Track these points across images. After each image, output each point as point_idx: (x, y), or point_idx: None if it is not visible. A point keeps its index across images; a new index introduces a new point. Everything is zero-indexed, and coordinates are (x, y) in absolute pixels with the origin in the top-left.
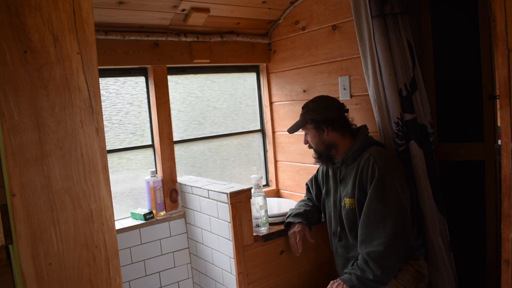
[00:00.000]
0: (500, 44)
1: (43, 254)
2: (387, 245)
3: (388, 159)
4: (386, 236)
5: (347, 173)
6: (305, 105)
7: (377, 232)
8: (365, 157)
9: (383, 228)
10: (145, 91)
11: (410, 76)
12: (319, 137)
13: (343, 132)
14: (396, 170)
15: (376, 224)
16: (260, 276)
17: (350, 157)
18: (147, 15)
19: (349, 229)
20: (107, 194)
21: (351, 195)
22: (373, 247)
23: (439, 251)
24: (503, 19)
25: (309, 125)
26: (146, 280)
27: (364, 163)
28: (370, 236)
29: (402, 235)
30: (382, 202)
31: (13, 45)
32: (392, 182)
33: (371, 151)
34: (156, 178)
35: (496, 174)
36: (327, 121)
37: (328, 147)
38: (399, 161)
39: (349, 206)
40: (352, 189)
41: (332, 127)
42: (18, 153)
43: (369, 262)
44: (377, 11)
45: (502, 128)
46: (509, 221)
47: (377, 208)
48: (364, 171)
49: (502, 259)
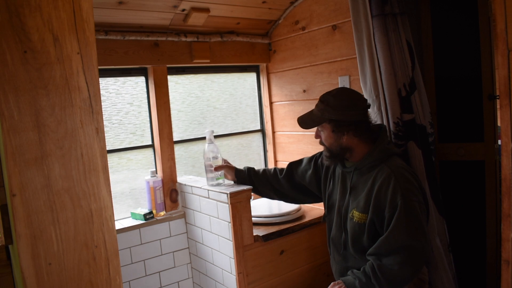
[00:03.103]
0: (500, 44)
1: (43, 254)
2: (402, 267)
3: (409, 180)
4: (403, 260)
5: (360, 183)
6: (325, 98)
7: (396, 252)
8: (384, 172)
9: (403, 253)
10: (145, 91)
11: (409, 77)
12: (335, 139)
13: (364, 137)
14: (417, 193)
15: (397, 246)
16: (260, 276)
17: (366, 166)
18: (147, 15)
19: (352, 241)
20: (107, 194)
21: (363, 210)
22: (387, 263)
23: (438, 252)
24: (503, 19)
25: (327, 124)
26: (146, 280)
27: (384, 181)
28: (387, 252)
29: (418, 263)
30: (407, 230)
31: (13, 45)
32: (414, 207)
33: (392, 166)
34: (156, 178)
35: (496, 174)
36: (349, 124)
37: (344, 150)
38: (416, 176)
39: (358, 220)
40: (365, 204)
41: (354, 132)
42: (18, 153)
43: (378, 273)
44: (378, 11)
45: (502, 128)
46: (509, 221)
47: (401, 236)
48: (382, 191)
49: (502, 259)
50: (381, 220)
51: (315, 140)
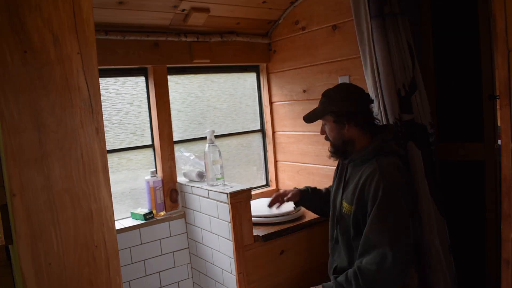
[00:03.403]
0: (500, 44)
1: (43, 254)
2: (380, 268)
3: (395, 176)
4: (380, 261)
5: (352, 175)
6: (327, 93)
7: (373, 250)
8: (372, 167)
9: (382, 249)
10: (145, 91)
11: (409, 77)
12: (338, 131)
13: (365, 128)
14: (402, 190)
15: (376, 244)
16: (260, 276)
17: (359, 159)
18: (147, 15)
19: (341, 232)
20: (107, 194)
21: (350, 202)
22: (367, 263)
23: (436, 253)
24: (503, 19)
25: (329, 116)
26: (146, 280)
27: (369, 175)
28: (367, 249)
29: (400, 261)
30: (385, 224)
31: (13, 45)
32: (396, 204)
33: (381, 162)
34: (156, 178)
35: (496, 174)
36: (349, 115)
37: (346, 143)
38: (406, 175)
39: (346, 211)
40: (351, 196)
41: (355, 122)
42: (18, 153)
43: (359, 276)
44: (376, 12)
45: (502, 128)
46: (509, 221)
47: (378, 231)
48: (366, 185)
49: (502, 259)
50: (364, 215)
51: (315, 140)
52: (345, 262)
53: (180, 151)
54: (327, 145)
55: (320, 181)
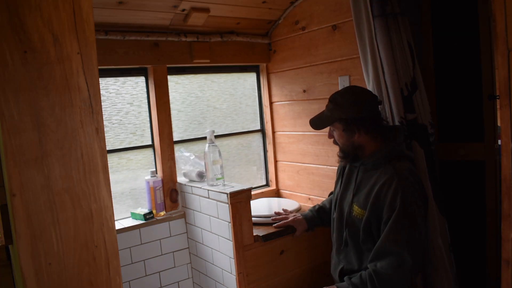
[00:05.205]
0: (500, 44)
1: (43, 254)
2: (397, 271)
3: (412, 183)
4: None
5: (364, 179)
6: (333, 98)
7: (391, 255)
8: (388, 172)
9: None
10: (145, 91)
11: (410, 76)
12: (347, 137)
13: (375, 133)
14: (418, 198)
15: (392, 250)
16: (260, 276)
17: (371, 163)
18: (147, 15)
19: (350, 236)
20: (107, 194)
21: (362, 206)
22: (383, 267)
23: (439, 252)
24: (503, 19)
25: (337, 123)
26: (146, 280)
27: (386, 181)
28: (383, 255)
29: (417, 265)
30: (403, 232)
31: (13, 45)
32: (413, 212)
33: (397, 168)
34: (156, 178)
35: (496, 174)
36: (359, 122)
37: (356, 148)
38: (420, 182)
39: (357, 215)
40: (365, 201)
41: (365, 129)
42: (18, 153)
43: (375, 279)
44: (379, 11)
45: (502, 128)
46: (509, 221)
47: (395, 238)
48: (383, 191)
49: (502, 259)
50: (378, 220)
51: (315, 140)
52: (354, 264)
53: (180, 151)
54: (327, 145)
55: (320, 181)
